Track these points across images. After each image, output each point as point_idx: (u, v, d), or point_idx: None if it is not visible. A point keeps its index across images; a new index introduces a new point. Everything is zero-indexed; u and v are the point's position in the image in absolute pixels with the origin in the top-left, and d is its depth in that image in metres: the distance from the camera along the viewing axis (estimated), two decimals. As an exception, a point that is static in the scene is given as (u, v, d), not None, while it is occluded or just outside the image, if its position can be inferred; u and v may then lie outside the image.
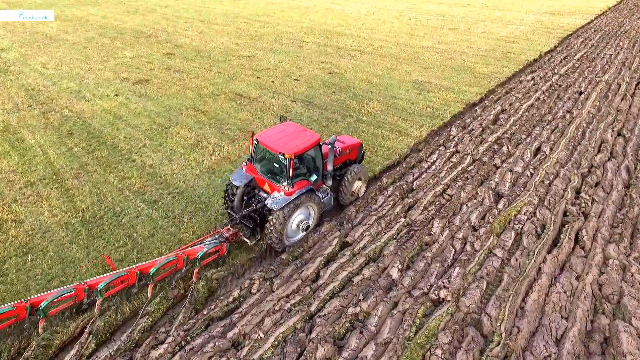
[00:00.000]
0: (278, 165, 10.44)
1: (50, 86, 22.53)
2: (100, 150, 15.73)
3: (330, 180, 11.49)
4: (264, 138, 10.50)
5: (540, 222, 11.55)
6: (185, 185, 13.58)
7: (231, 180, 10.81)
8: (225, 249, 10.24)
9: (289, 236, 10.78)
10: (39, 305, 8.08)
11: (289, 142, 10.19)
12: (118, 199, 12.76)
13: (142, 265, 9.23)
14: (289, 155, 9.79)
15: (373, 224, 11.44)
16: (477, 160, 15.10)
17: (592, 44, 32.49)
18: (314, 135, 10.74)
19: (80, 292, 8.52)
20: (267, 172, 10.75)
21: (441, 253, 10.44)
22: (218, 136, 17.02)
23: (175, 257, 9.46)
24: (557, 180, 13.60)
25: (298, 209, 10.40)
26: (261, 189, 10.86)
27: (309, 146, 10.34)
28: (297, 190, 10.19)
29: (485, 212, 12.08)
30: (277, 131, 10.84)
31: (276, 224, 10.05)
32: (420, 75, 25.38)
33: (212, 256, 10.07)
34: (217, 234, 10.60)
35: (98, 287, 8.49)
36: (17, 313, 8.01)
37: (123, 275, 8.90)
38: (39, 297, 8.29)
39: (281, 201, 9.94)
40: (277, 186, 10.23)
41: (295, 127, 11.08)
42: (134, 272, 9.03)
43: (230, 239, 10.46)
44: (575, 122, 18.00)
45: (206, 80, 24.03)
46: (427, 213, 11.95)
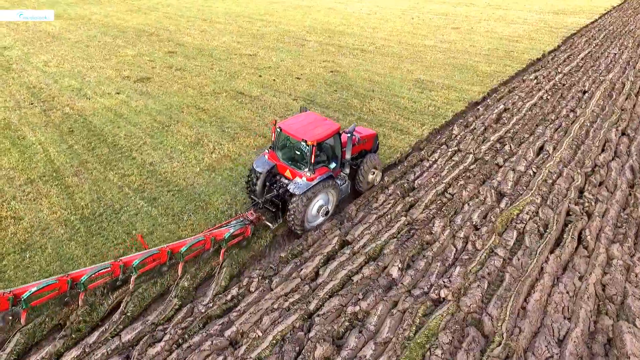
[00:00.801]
0: (299, 152, 10.92)
1: (52, 84, 22.51)
2: (101, 147, 15.68)
3: (348, 168, 11.93)
4: (286, 126, 10.89)
5: (543, 221, 11.42)
6: (185, 183, 13.51)
7: (254, 166, 11.23)
8: (250, 231, 10.77)
9: (309, 220, 11.22)
10: (79, 279, 8.63)
11: (311, 130, 10.63)
12: (118, 197, 12.71)
13: (172, 245, 9.73)
14: (311, 142, 10.19)
15: (373, 223, 11.34)
16: (479, 159, 14.98)
17: (596, 43, 32.26)
18: (334, 124, 11.16)
19: (116, 269, 9.06)
20: (289, 159, 11.21)
21: (442, 252, 10.33)
22: (219, 134, 16.95)
23: (203, 238, 9.88)
24: (560, 179, 13.46)
25: (318, 194, 10.83)
26: (282, 175, 11.31)
27: (330, 134, 10.77)
28: (318, 176, 10.66)
29: (487, 211, 11.95)
30: (299, 120, 11.26)
31: (298, 208, 10.52)
32: (423, 74, 25.25)
33: (238, 237, 10.56)
34: (242, 217, 11.09)
35: (133, 264, 9.01)
36: (59, 286, 8.56)
37: (155, 253, 9.39)
38: (79, 272, 8.85)
39: (303, 186, 10.41)
40: (299, 172, 10.70)
41: (316, 116, 11.50)
42: (165, 251, 9.50)
43: (254, 221, 10.97)
44: (579, 121, 17.84)
45: (207, 78, 23.97)
46: (428, 212, 11.84)
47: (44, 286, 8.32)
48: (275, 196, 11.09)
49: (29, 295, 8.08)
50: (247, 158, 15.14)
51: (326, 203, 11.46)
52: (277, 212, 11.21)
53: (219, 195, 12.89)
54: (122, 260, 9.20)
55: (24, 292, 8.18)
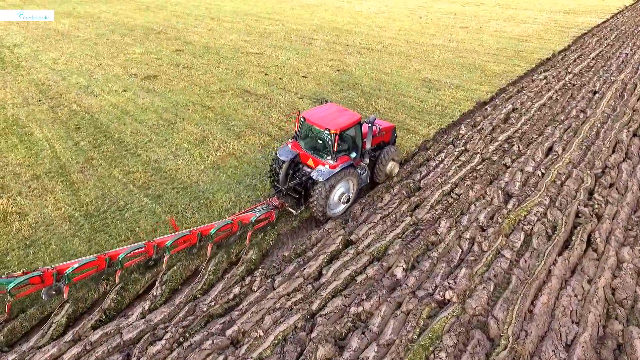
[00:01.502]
0: (322, 141, 11.36)
1: (60, 81, 22.65)
2: (107, 144, 15.72)
3: (367, 158, 12.21)
4: (310, 116, 11.30)
5: (551, 223, 11.21)
6: (189, 181, 13.48)
7: (278, 155, 11.66)
8: (274, 216, 11.32)
9: (331, 208, 11.63)
10: (117, 257, 9.12)
11: (333, 120, 11.02)
12: (122, 194, 12.71)
13: (202, 228, 10.20)
14: (334, 131, 10.63)
15: (378, 223, 11.21)
16: (486, 159, 14.77)
17: (607, 43, 31.76)
18: (356, 114, 11.56)
19: (150, 249, 9.53)
20: (311, 148, 11.65)
21: (447, 253, 10.17)
22: (224, 132, 16.92)
23: (231, 221, 10.38)
24: (569, 180, 13.22)
25: (340, 181, 11.22)
26: (304, 164, 11.73)
27: (351, 123, 11.18)
28: (340, 164, 11.05)
29: (494, 212, 11.76)
30: (321, 110, 11.68)
31: (321, 194, 10.88)
32: (430, 73, 25.02)
33: (263, 222, 11.12)
34: (267, 203, 11.62)
35: (166, 244, 9.46)
36: (97, 264, 9.09)
37: (186, 235, 9.82)
38: (116, 251, 9.39)
39: (326, 173, 10.80)
40: (321, 161, 11.12)
41: (338, 107, 11.92)
42: (196, 233, 9.94)
43: (279, 207, 11.49)
44: (589, 121, 17.54)
45: (214, 76, 23.97)
46: (434, 212, 11.69)
47: (84, 263, 8.88)
48: (298, 184, 11.48)
49: (71, 271, 8.60)
50: (252, 156, 15.08)
51: (347, 191, 11.84)
52: (300, 199, 11.62)
53: (223, 193, 12.83)
54: (155, 240, 9.68)
55: (66, 268, 8.72)
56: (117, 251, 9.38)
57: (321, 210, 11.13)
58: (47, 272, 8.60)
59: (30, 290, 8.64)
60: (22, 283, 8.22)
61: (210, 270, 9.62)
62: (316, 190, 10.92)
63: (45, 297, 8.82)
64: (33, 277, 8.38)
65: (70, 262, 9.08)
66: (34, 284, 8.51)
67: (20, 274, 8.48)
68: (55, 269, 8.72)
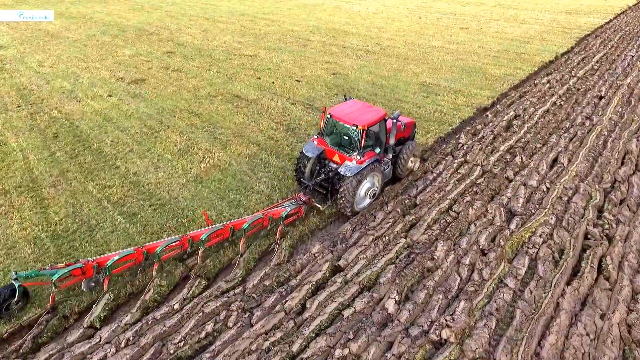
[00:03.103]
0: (348, 137, 11.48)
1: (43, 85, 21.75)
2: (84, 155, 14.80)
3: (390, 153, 12.38)
4: (336, 112, 11.49)
5: (558, 246, 10.30)
6: (169, 196, 12.57)
7: (304, 152, 11.75)
8: (303, 211, 11.55)
9: (357, 202, 11.69)
10: (154, 250, 9.38)
11: (360, 116, 11.22)
12: (95, 211, 11.79)
13: (235, 222, 10.42)
14: (361, 127, 10.79)
15: (370, 245, 10.30)
16: (487, 171, 13.86)
17: (612, 44, 30.84)
18: (381, 110, 11.79)
19: (185, 242, 9.76)
20: (336, 145, 11.77)
21: (445, 281, 9.26)
22: (210, 141, 16.00)
23: (262, 216, 10.60)
24: (576, 196, 12.31)
25: (367, 176, 11.37)
26: (330, 160, 11.89)
27: (378, 119, 11.36)
28: (367, 159, 11.23)
29: (496, 232, 10.86)
30: (347, 107, 11.86)
31: (349, 189, 11.02)
32: (429, 76, 24.09)
33: (293, 217, 11.34)
34: (295, 199, 11.77)
35: (201, 238, 9.68)
36: (135, 257, 9.34)
37: (219, 229, 10.04)
38: (153, 244, 9.59)
39: (354, 169, 10.98)
40: (348, 156, 11.28)
41: (362, 103, 12.15)
42: (228, 227, 10.20)
43: (307, 202, 11.67)
44: (595, 130, 16.62)
45: (204, 80, 23.05)
46: (431, 233, 10.77)
47: (124, 255, 9.11)
48: (325, 179, 11.68)
49: (112, 263, 8.85)
50: (238, 168, 14.17)
51: (372, 186, 11.98)
52: (327, 194, 11.83)
53: (205, 208, 11.91)
54: (190, 234, 9.87)
55: (106, 260, 8.98)
56: (154, 244, 9.59)
57: (349, 205, 11.24)
58: (88, 264, 8.86)
59: (71, 282, 8.88)
60: (65, 274, 8.48)
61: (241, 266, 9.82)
62: (344, 185, 11.06)
63: (85, 289, 9.11)
64: (75, 269, 8.66)
65: (110, 254, 9.38)
66: (75, 276, 8.78)
67: (63, 266, 8.74)
68: (95, 261, 9.01)
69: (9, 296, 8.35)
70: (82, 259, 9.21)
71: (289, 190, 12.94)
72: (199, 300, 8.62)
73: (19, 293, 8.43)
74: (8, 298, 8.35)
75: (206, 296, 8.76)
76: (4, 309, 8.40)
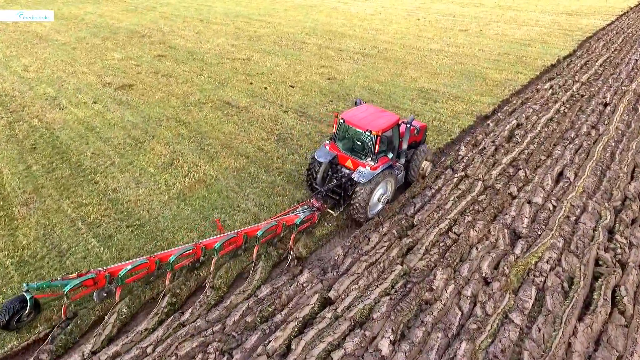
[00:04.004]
0: (361, 142, 11.24)
1: (26, 91, 20.89)
2: (62, 169, 13.96)
3: (403, 158, 12.27)
4: (349, 117, 11.24)
5: (567, 273, 9.50)
6: (148, 216, 11.73)
7: (316, 157, 11.50)
8: (317, 218, 11.30)
9: (370, 209, 11.49)
10: (166, 260, 9.19)
11: (374, 121, 10.98)
12: (67, 233, 10.95)
13: (248, 229, 10.21)
14: (376, 132, 10.54)
15: (363, 274, 9.48)
16: (489, 187, 13.05)
17: (614, 47, 30.08)
18: (394, 115, 11.60)
19: (198, 251, 9.54)
20: (349, 150, 11.56)
21: (444, 316, 8.45)
22: (196, 153, 15.16)
23: (276, 223, 10.30)
24: (584, 215, 11.51)
25: (380, 182, 11.13)
26: (343, 165, 11.68)
27: (392, 124, 11.15)
28: (380, 165, 10.97)
29: (500, 258, 10.05)
30: (360, 111, 11.61)
31: (362, 196, 10.81)
32: (427, 82, 23.28)
33: (306, 224, 11.05)
34: (307, 205, 11.46)
35: (215, 246, 9.44)
36: (148, 266, 9.15)
37: (232, 237, 9.78)
38: (166, 253, 9.40)
39: (367, 175, 10.72)
40: (361, 162, 11.05)
41: (375, 108, 11.98)
42: (242, 235, 9.96)
43: (320, 209, 11.36)
44: (602, 140, 15.83)
45: (194, 86, 22.21)
46: (429, 258, 9.96)
47: (136, 265, 8.87)
48: (337, 185, 11.45)
49: (124, 272, 8.63)
50: (225, 184, 13.34)
51: (385, 192, 11.83)
52: (340, 200, 11.65)
53: (185, 232, 11.10)
54: (203, 242, 9.64)
55: (118, 270, 8.74)
56: (167, 253, 9.39)
57: (362, 212, 11.06)
58: (100, 274, 8.66)
59: (83, 293, 8.64)
60: (77, 285, 8.25)
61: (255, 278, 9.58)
62: (358, 192, 10.86)
63: (97, 299, 8.85)
64: (87, 280, 8.45)
65: (122, 263, 9.12)
66: (87, 287, 8.58)
67: (75, 276, 8.50)
68: (107, 270, 8.79)
69: (21, 308, 8.11)
70: (93, 269, 8.94)
71: (277, 209, 12.13)
72: (172, 341, 7.79)
73: (30, 305, 8.16)
74: (20, 310, 8.10)
75: (181, 335, 7.94)
76: (16, 321, 8.16)
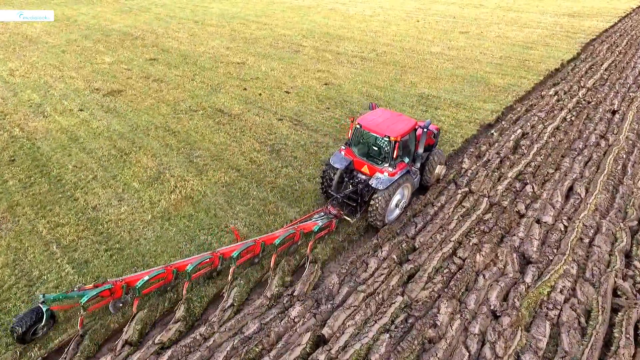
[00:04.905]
0: (377, 148, 11.06)
1: (10, 98, 20.04)
2: (40, 184, 13.12)
3: (419, 162, 11.94)
4: (366, 122, 11.01)
5: (583, 306, 8.70)
6: (129, 238, 10.88)
7: (331, 163, 11.32)
8: (334, 225, 11.14)
9: (387, 215, 11.28)
10: (183, 269, 9.04)
11: (391, 126, 10.79)
12: (40, 258, 10.11)
13: (266, 237, 10.05)
14: (394, 138, 10.39)
15: (360, 306, 8.66)
16: (495, 204, 12.25)
17: (619, 50, 29.30)
18: (411, 119, 11.42)
19: (215, 259, 9.43)
20: (364, 155, 11.39)
21: (450, 358, 7.64)
22: (184, 166, 14.33)
23: (293, 231, 10.19)
24: (598, 237, 10.71)
25: (398, 188, 10.96)
26: (359, 171, 11.46)
27: (409, 129, 10.95)
28: (399, 171, 10.84)
29: (509, 287, 9.24)
30: (376, 116, 11.39)
31: (381, 203, 10.59)
32: (428, 87, 22.47)
33: (324, 231, 10.93)
34: (324, 212, 11.30)
35: (232, 255, 9.27)
36: (165, 276, 9.00)
37: (250, 245, 9.67)
38: (183, 262, 9.24)
39: (386, 181, 10.53)
40: (379, 167, 10.85)
41: (391, 112, 11.80)
42: (260, 243, 9.86)
43: (338, 216, 11.21)
44: (612, 151, 15.04)
45: (186, 91, 21.36)
46: (432, 287, 9.14)
47: (153, 275, 8.70)
48: (354, 191, 11.25)
49: (142, 283, 8.45)
50: (213, 200, 12.52)
51: (402, 197, 11.65)
52: (357, 206, 11.38)
53: (168, 256, 10.27)
54: (220, 251, 9.49)
55: (135, 280, 8.60)
56: (183, 262, 9.23)
57: (381, 218, 10.85)
58: (117, 285, 8.51)
59: (100, 304, 8.46)
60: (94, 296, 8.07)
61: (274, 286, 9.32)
62: (376, 198, 10.63)
63: (112, 310, 8.64)
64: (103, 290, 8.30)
65: (139, 274, 8.94)
66: (104, 297, 8.42)
67: (92, 287, 8.36)
68: (124, 281, 8.63)
69: (37, 320, 7.90)
70: (110, 279, 8.75)
71: (268, 229, 11.30)
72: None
73: (47, 317, 7.98)
74: (36, 322, 7.89)
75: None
76: (31, 333, 7.94)
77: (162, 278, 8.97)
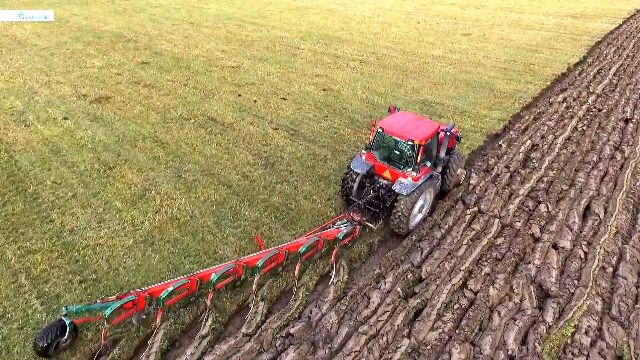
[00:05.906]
0: (399, 152, 10.82)
1: (-9, 105, 19.01)
2: (15, 203, 12.11)
3: (440, 166, 11.67)
4: (388, 126, 10.72)
5: (613, 350, 7.75)
6: (107, 267, 9.89)
7: (352, 168, 11.02)
8: (358, 232, 10.80)
9: (410, 220, 10.95)
10: (207, 279, 8.73)
11: (415, 130, 10.51)
12: (6, 293, 9.10)
13: (289, 245, 9.78)
14: (418, 142, 10.13)
15: (362, 351, 7.69)
16: (507, 226, 11.30)
17: (627, 54, 28.43)
18: (434, 123, 11.23)
19: (239, 268, 9.13)
20: (386, 159, 11.10)
21: (465, 417, 6.69)
22: (172, 182, 13.34)
23: (317, 239, 9.86)
24: (622, 266, 9.77)
25: (422, 193, 10.69)
26: (380, 175, 11.18)
27: (433, 133, 10.69)
28: (422, 175, 10.52)
29: (528, 326, 8.29)
30: (398, 119, 11.14)
31: (404, 209, 10.34)
32: (430, 93, 21.52)
33: (348, 238, 10.60)
34: (347, 218, 10.95)
35: (257, 264, 8.99)
36: (189, 286, 8.65)
37: (275, 254, 9.38)
38: (206, 272, 8.92)
39: (409, 186, 10.25)
40: (401, 172, 10.59)
41: (413, 115, 11.60)
42: (283, 251, 9.57)
43: (361, 222, 10.81)
44: (629, 165, 14.12)
45: (177, 98, 20.37)
46: (442, 328, 8.18)
47: (178, 286, 8.40)
48: (376, 197, 10.95)
49: (166, 294, 8.17)
50: (201, 222, 11.53)
51: (425, 202, 11.40)
52: (379, 212, 11.01)
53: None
54: (243, 260, 9.26)
55: (159, 291, 8.31)
56: (207, 272, 8.95)
57: (404, 224, 10.58)
58: (140, 296, 8.23)
59: (123, 316, 8.17)
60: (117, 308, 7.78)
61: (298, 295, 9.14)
62: (400, 204, 10.36)
63: (135, 322, 8.36)
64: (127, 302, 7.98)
65: (162, 284, 8.62)
66: (127, 309, 8.16)
67: (115, 299, 8.11)
68: (147, 292, 8.33)
69: (60, 333, 7.63)
70: (133, 290, 8.44)
71: (261, 256, 10.32)
72: None
73: (70, 330, 7.74)
74: (58, 335, 7.61)
75: None
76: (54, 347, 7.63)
77: (186, 288, 8.63)
